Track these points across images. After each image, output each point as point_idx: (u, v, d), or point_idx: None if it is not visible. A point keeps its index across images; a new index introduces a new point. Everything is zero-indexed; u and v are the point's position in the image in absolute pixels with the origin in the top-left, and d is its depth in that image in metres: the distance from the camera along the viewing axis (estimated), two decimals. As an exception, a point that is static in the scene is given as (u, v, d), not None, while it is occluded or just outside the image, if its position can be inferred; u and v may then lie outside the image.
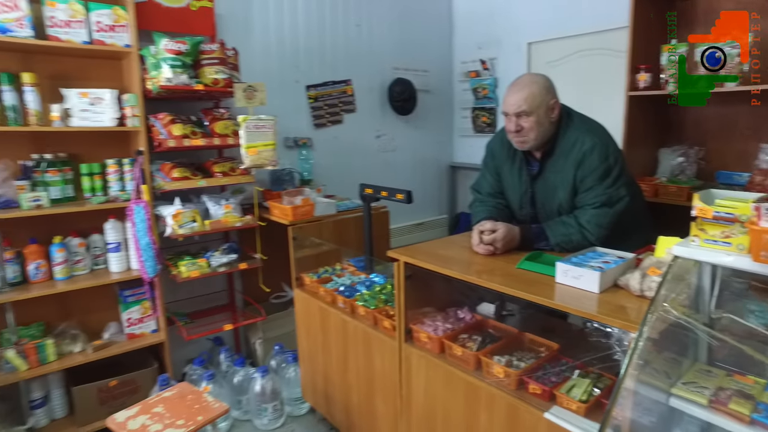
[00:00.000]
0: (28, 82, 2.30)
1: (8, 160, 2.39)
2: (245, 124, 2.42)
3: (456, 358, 1.71)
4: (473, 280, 1.61)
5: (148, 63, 2.48)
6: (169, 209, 2.56)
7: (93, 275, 2.60)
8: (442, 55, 4.31)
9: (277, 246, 2.82)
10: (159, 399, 2.01)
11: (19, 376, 2.34)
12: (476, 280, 1.60)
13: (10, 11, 2.16)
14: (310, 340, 2.54)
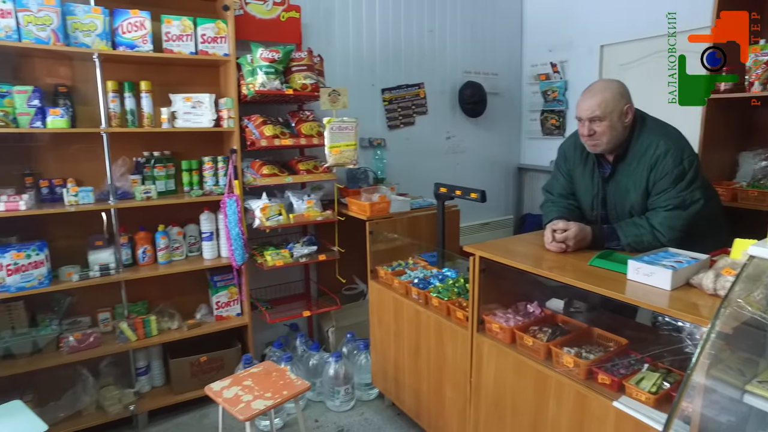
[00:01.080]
0: (144, 90, 2.61)
1: (126, 157, 2.72)
2: (330, 126, 2.62)
3: (526, 347, 1.81)
4: (545, 274, 1.70)
5: (244, 70, 2.73)
6: (258, 203, 2.81)
7: (188, 261, 2.90)
8: (512, 59, 4.36)
9: (351, 240, 3.01)
10: (248, 374, 2.23)
11: (130, 345, 2.67)
12: (548, 274, 1.69)
13: (137, 30, 2.48)
14: (383, 329, 2.70)
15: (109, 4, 2.45)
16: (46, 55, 2.52)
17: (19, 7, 2.23)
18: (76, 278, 2.52)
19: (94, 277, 2.56)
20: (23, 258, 2.37)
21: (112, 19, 2.45)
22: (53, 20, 2.29)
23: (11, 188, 2.45)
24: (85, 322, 2.75)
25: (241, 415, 1.92)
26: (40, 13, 2.26)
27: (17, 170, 2.53)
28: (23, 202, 2.34)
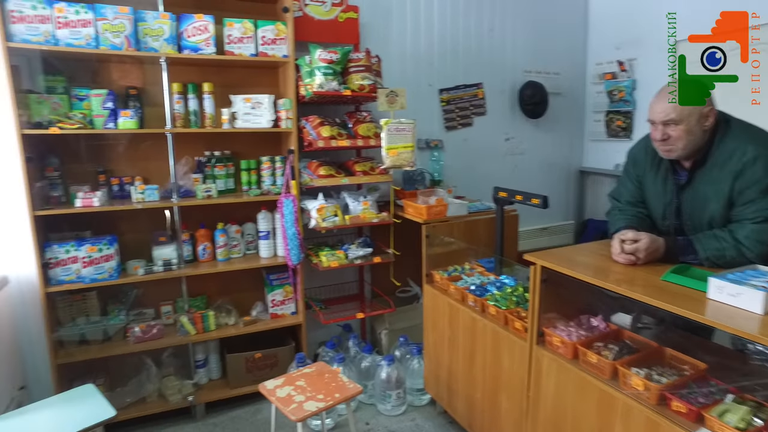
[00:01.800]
0: (206, 91, 2.68)
1: (188, 157, 2.81)
2: (387, 127, 2.59)
3: (590, 365, 1.71)
4: (613, 288, 1.60)
5: (303, 71, 2.75)
6: (314, 203, 2.83)
7: (246, 259, 2.96)
8: (576, 57, 4.18)
9: (405, 243, 2.98)
10: (301, 374, 2.25)
11: (189, 339, 2.76)
12: (616, 288, 1.59)
13: (201, 34, 2.55)
14: (437, 334, 2.65)
15: (176, 10, 2.53)
16: (119, 60, 2.64)
17: (98, 16, 2.35)
18: (141, 272, 2.63)
19: (157, 271, 2.66)
20: (96, 251, 2.50)
21: (179, 23, 2.53)
22: (126, 27, 2.39)
23: (87, 185, 2.59)
24: (149, 313, 2.87)
25: (293, 416, 1.93)
26: (116, 20, 2.37)
27: (92, 168, 2.67)
28: (97, 198, 2.46)
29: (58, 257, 2.44)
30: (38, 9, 2.26)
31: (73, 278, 2.48)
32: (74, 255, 2.46)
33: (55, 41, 2.31)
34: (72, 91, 2.50)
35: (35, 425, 1.88)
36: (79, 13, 2.32)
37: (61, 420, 1.90)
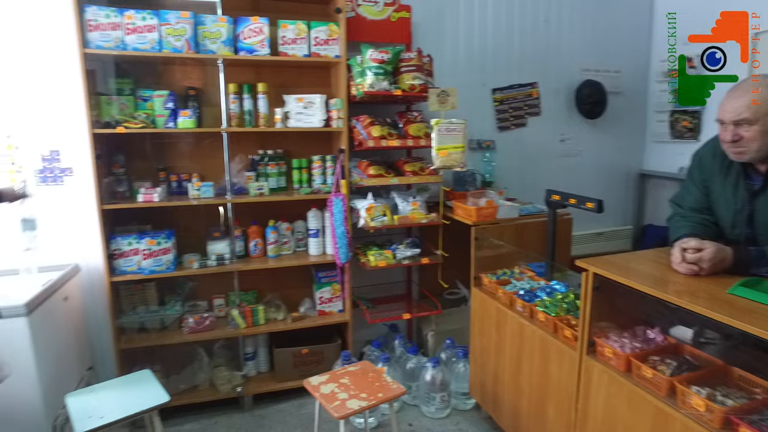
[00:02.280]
0: (261, 91, 2.75)
1: (242, 155, 2.89)
2: (438, 127, 2.57)
3: (644, 379, 1.62)
4: (672, 299, 1.51)
5: (354, 71, 2.77)
6: (363, 203, 2.84)
7: (295, 256, 3.02)
8: (638, 54, 3.98)
9: (454, 244, 2.94)
10: (345, 372, 2.26)
11: (240, 332, 2.85)
12: (675, 300, 1.50)
13: (256, 36, 2.62)
14: (484, 338, 2.60)
15: (233, 13, 2.61)
16: (179, 62, 2.76)
17: (162, 21, 2.47)
18: (196, 265, 2.73)
19: (211, 265, 2.76)
20: (155, 245, 2.62)
21: (235, 26, 2.60)
22: (187, 31, 2.49)
23: (148, 182, 2.72)
24: (202, 306, 2.99)
25: (335, 413, 1.95)
26: (178, 25, 2.48)
27: (153, 165, 2.80)
28: (157, 194, 2.58)
29: (121, 249, 2.58)
30: (111, 17, 2.40)
31: (135, 269, 2.61)
32: (136, 247, 2.59)
33: (123, 46, 2.44)
34: (137, 93, 2.64)
35: (100, 403, 2.00)
36: (146, 19, 2.44)
37: (121, 401, 2.02)
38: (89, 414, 1.93)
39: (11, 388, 2.07)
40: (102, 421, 1.89)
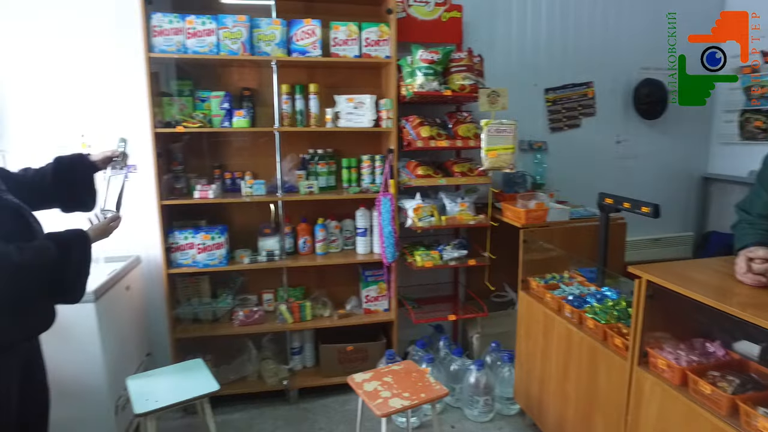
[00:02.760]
0: (312, 92, 2.81)
1: (293, 154, 2.97)
2: (487, 128, 2.54)
3: (702, 396, 1.54)
4: (735, 312, 1.42)
5: (404, 71, 2.79)
6: (411, 203, 2.85)
7: (343, 254, 3.06)
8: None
9: (503, 246, 2.90)
10: (389, 370, 2.28)
11: (287, 327, 2.92)
12: (739, 313, 1.41)
13: (309, 37, 2.68)
14: (530, 343, 2.55)
15: (287, 16, 2.68)
16: (235, 64, 2.87)
17: (220, 25, 2.57)
18: (247, 261, 2.82)
19: (261, 261, 2.85)
20: (209, 239, 2.73)
21: (289, 28, 2.68)
22: (243, 34, 2.58)
23: (204, 179, 2.84)
24: (252, 300, 3.08)
25: (378, 411, 1.96)
26: (234, 28, 2.57)
27: (209, 164, 2.93)
28: (212, 191, 2.69)
29: (178, 242, 2.71)
30: (173, 23, 2.53)
31: (190, 262, 2.73)
32: (191, 241, 2.71)
33: (184, 50, 2.56)
34: (196, 94, 2.76)
35: (156, 388, 2.13)
36: (205, 24, 2.55)
37: (175, 387, 2.13)
38: (146, 397, 2.05)
39: (81, 366, 2.26)
40: (158, 404, 2.00)
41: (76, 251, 1.58)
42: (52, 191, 1.80)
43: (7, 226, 1.48)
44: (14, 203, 1.56)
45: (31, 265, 1.43)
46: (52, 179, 1.79)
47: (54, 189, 1.80)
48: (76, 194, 1.86)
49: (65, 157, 1.86)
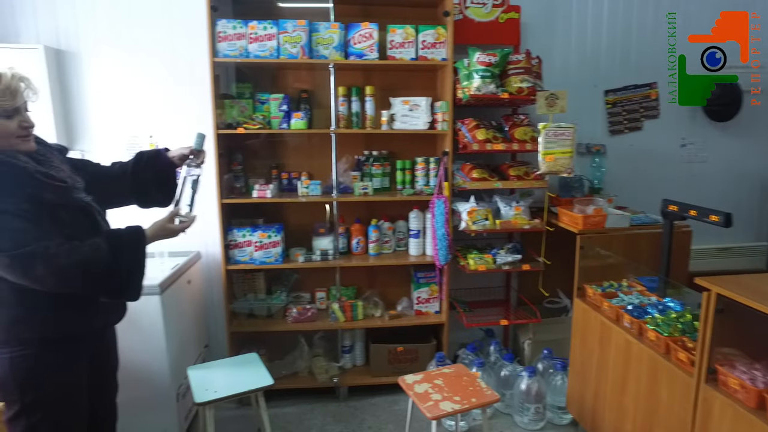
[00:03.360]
0: (368, 94, 2.85)
1: (349, 155, 3.02)
2: (545, 132, 2.49)
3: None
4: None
5: (461, 74, 2.77)
6: (465, 206, 2.83)
7: (395, 255, 3.08)
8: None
9: (557, 251, 2.84)
10: (439, 373, 2.27)
11: (339, 325, 2.97)
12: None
13: (366, 41, 2.72)
14: (585, 352, 2.48)
15: (345, 19, 2.73)
16: (294, 67, 2.95)
17: (281, 30, 2.65)
18: (301, 259, 2.89)
19: (315, 260, 2.91)
20: (266, 237, 2.82)
21: (347, 32, 2.72)
22: (302, 38, 2.65)
23: (262, 179, 2.93)
24: (305, 297, 3.16)
25: (428, 413, 1.97)
26: (294, 32, 2.64)
27: (267, 164, 3.02)
28: (269, 191, 2.78)
29: (236, 240, 2.81)
30: (237, 28, 2.63)
31: (247, 259, 2.83)
32: (249, 239, 2.81)
33: (246, 54, 2.65)
34: (256, 96, 2.85)
35: (214, 379, 2.22)
36: (266, 29, 2.64)
37: (232, 379, 2.22)
38: (206, 387, 2.14)
39: (147, 354, 2.39)
40: (216, 395, 2.09)
41: (128, 251, 1.54)
42: (130, 186, 1.81)
43: (73, 225, 1.51)
44: (82, 202, 1.58)
45: (80, 265, 1.43)
46: (131, 174, 1.80)
47: (132, 184, 1.81)
48: (151, 190, 1.84)
49: (146, 152, 1.86)
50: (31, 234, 1.38)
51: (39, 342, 1.50)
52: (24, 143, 1.46)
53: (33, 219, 1.39)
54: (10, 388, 1.49)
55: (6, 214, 1.36)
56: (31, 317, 1.48)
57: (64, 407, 1.57)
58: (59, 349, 1.53)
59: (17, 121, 1.42)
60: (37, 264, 1.36)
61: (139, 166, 1.82)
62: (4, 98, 1.37)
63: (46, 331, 1.50)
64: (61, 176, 1.53)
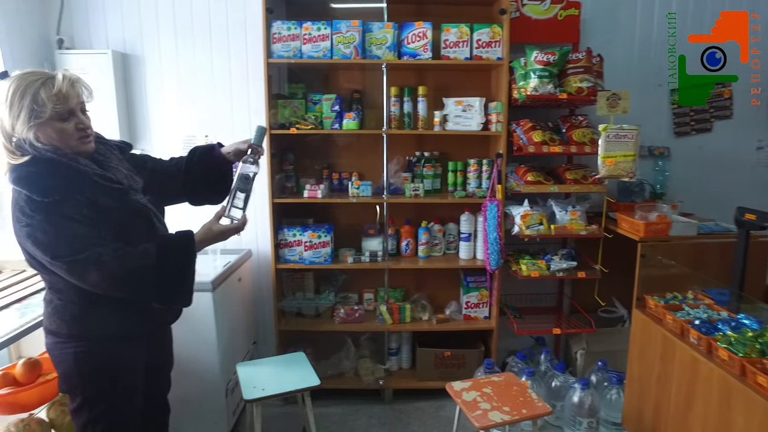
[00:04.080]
0: (421, 94, 2.81)
1: (400, 156, 2.99)
2: (606, 134, 2.38)
3: None
4: None
5: (517, 73, 2.69)
6: (518, 209, 2.75)
7: (445, 258, 3.03)
8: None
9: (613, 259, 2.71)
10: (488, 381, 2.21)
11: (386, 327, 2.95)
12: None
13: (420, 40, 2.69)
14: (644, 366, 2.35)
15: (399, 19, 2.70)
16: (346, 68, 2.95)
17: (334, 30, 2.65)
18: (351, 260, 2.89)
19: (364, 261, 2.90)
20: (316, 237, 2.83)
21: (400, 32, 2.69)
22: (356, 38, 2.64)
23: (312, 179, 2.95)
24: (353, 298, 3.16)
25: (477, 423, 1.92)
26: (348, 33, 2.64)
27: (317, 164, 3.04)
28: (320, 191, 2.79)
29: (287, 239, 2.84)
30: (291, 29, 2.65)
31: (296, 259, 2.85)
32: (299, 239, 2.83)
33: (300, 54, 2.67)
34: (308, 96, 2.87)
35: (263, 377, 2.25)
36: (320, 29, 2.65)
37: (280, 378, 2.24)
38: (254, 384, 2.17)
39: (198, 349, 2.44)
40: (264, 393, 2.12)
41: (177, 257, 1.53)
42: (182, 183, 1.77)
43: (128, 227, 1.52)
44: (138, 204, 1.58)
45: (130, 272, 1.44)
46: (184, 170, 1.77)
47: (184, 180, 1.76)
48: (201, 187, 1.78)
49: (199, 147, 1.83)
50: (89, 240, 1.40)
51: (101, 339, 1.54)
52: (83, 144, 1.47)
53: (90, 224, 1.42)
54: (75, 381, 1.55)
55: (66, 219, 1.38)
56: (94, 315, 1.52)
57: (123, 402, 1.61)
58: (119, 346, 1.57)
59: (74, 123, 1.44)
60: (91, 270, 1.39)
61: (192, 162, 1.78)
62: (58, 102, 1.38)
63: (108, 328, 1.54)
64: (118, 178, 1.54)
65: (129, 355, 1.61)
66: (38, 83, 1.37)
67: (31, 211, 1.37)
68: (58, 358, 1.55)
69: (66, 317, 1.51)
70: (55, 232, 1.37)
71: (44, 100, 1.36)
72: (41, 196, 1.36)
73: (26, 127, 1.36)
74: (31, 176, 1.38)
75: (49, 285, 1.54)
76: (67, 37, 2.86)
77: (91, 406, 1.56)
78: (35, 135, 1.38)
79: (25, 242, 1.40)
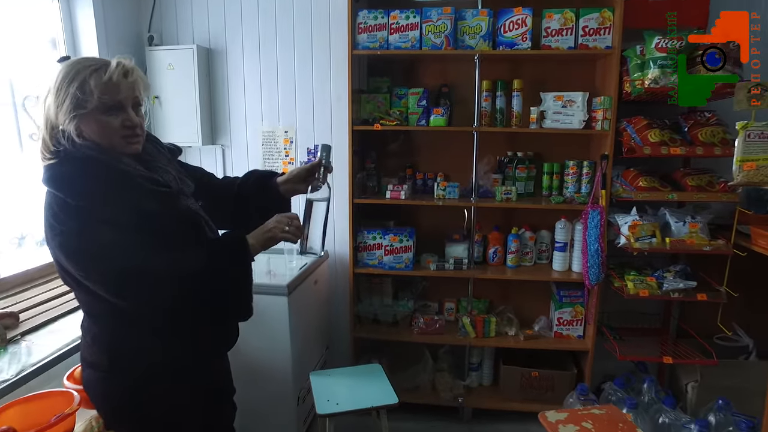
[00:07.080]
0: (516, 88, 2.56)
1: (490, 156, 2.75)
2: (745, 132, 2.00)
3: None
4: None
5: (631, 64, 2.36)
6: (626, 219, 2.42)
7: (536, 268, 2.76)
8: None
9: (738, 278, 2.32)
10: (588, 414, 1.95)
11: (468, 341, 2.73)
12: None
13: (518, 28, 2.43)
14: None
15: (495, 5, 2.46)
16: (434, 60, 2.75)
17: (424, 19, 2.46)
18: (433, 267, 2.70)
19: (448, 268, 2.69)
20: (397, 241, 2.67)
21: (496, 19, 2.45)
22: (447, 26, 2.44)
23: (395, 178, 2.78)
24: (433, 307, 2.96)
25: (582, 467, 1.66)
26: (439, 21, 2.44)
27: (400, 163, 2.86)
28: (403, 192, 2.61)
29: (366, 242, 2.69)
30: (378, 19, 2.49)
31: (376, 263, 2.70)
32: (379, 242, 2.67)
33: (386, 45, 2.50)
34: (393, 90, 2.70)
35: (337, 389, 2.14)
36: (409, 18, 2.46)
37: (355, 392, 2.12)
38: (328, 397, 2.06)
39: (271, 354, 2.35)
40: (338, 408, 2.00)
41: (231, 263, 1.33)
42: (232, 206, 1.58)
43: (176, 234, 1.31)
44: (188, 209, 1.38)
45: (176, 281, 1.25)
46: (236, 193, 1.59)
47: (234, 204, 1.58)
48: (251, 216, 1.55)
49: (256, 171, 1.66)
50: (130, 248, 1.21)
51: (146, 370, 1.34)
52: (128, 145, 1.27)
53: (132, 230, 1.21)
54: (119, 417, 1.39)
55: (104, 224, 1.19)
56: (136, 345, 1.33)
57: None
58: (166, 377, 1.37)
59: (121, 119, 1.24)
60: (131, 281, 1.20)
61: (246, 185, 1.59)
62: (106, 91, 1.20)
63: (154, 358, 1.34)
64: (166, 180, 1.34)
65: (178, 386, 1.39)
66: (89, 70, 1.19)
67: (65, 216, 1.18)
68: (98, 394, 1.38)
69: (104, 347, 1.32)
70: (91, 240, 1.18)
71: (91, 88, 1.18)
72: (76, 199, 1.18)
73: (68, 117, 1.19)
74: (65, 176, 1.19)
75: (86, 308, 1.34)
76: (157, 34, 2.87)
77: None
78: (77, 128, 1.20)
79: (58, 253, 1.22)
